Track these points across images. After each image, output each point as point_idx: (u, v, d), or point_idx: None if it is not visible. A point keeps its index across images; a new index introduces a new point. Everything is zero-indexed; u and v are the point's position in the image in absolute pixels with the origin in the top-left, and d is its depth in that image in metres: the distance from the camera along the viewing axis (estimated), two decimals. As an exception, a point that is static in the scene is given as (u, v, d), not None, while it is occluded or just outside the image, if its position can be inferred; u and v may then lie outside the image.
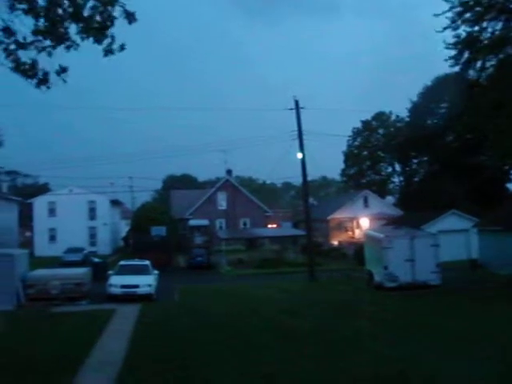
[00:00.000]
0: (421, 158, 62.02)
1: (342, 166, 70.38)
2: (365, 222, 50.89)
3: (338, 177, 76.14)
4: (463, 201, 42.48)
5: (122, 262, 26.70)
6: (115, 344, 13.90)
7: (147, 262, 26.08)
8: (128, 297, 22.16)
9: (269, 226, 56.33)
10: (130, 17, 9.28)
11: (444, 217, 39.89)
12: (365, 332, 14.91)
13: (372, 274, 25.59)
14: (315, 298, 22.87)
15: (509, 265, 27.02)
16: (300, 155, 31.27)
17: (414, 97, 58.83)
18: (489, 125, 25.90)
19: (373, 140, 68.06)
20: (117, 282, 22.95)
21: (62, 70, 9.36)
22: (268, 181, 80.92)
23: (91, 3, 9.03)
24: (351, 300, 22.07)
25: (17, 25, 8.91)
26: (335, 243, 50.45)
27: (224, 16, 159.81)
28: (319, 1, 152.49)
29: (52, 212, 53.73)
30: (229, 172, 57.82)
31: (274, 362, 11.64)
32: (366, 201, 53.31)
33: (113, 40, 9.29)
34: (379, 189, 64.07)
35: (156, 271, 25.57)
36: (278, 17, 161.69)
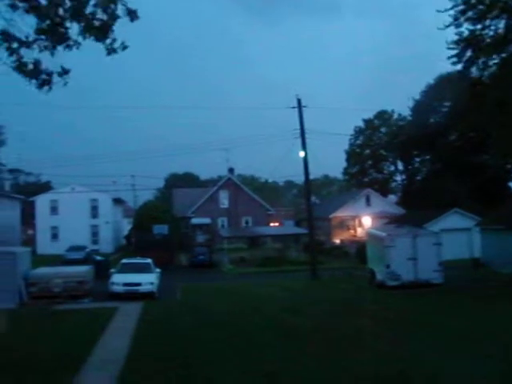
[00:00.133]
0: (423, 157, 61.95)
1: (344, 165, 70.47)
2: (367, 221, 50.85)
3: (340, 175, 76.26)
4: (466, 199, 42.42)
5: (124, 260, 26.74)
6: (117, 342, 13.93)
7: (149, 261, 26.11)
8: (130, 295, 22.20)
9: (271, 225, 56.29)
10: (132, 14, 9.26)
11: (446, 215, 39.85)
12: (367, 330, 14.92)
13: (374, 273, 25.59)
14: (317, 297, 22.87)
15: (511, 263, 27.01)
16: (302, 154, 31.25)
17: (417, 95, 58.89)
18: (491, 123, 25.87)
19: (375, 139, 68.00)
20: (119, 280, 22.99)
21: (64, 72, 9.37)
22: (270, 179, 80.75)
23: (93, 1, 9.04)
24: (353, 298, 22.08)
25: (19, 24, 8.93)
26: (337, 242, 50.41)
27: (225, 14, 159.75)
28: (320, 0, 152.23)
29: (54, 210, 53.79)
30: (231, 170, 57.78)
31: (276, 361, 11.65)
32: (368, 199, 53.24)
33: (115, 39, 9.29)
34: (381, 187, 64.01)
35: (158, 269, 25.58)
36: (279, 16, 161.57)
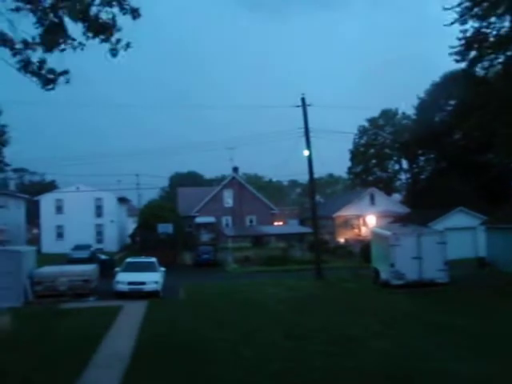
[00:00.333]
0: (428, 156, 61.70)
1: (349, 164, 70.34)
2: (371, 220, 50.75)
3: (345, 174, 76.15)
4: (470, 198, 42.23)
5: (129, 259, 26.81)
6: (123, 340, 13.98)
7: (154, 259, 26.16)
8: (135, 294, 22.26)
9: (275, 224, 56.33)
10: (135, 13, 9.33)
11: (451, 214, 39.69)
12: (371, 330, 14.90)
13: (378, 272, 25.53)
14: (322, 296, 22.86)
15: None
16: (306, 152, 31.17)
17: (421, 94, 58.59)
18: (496, 122, 25.76)
19: (379, 138, 67.85)
20: (124, 279, 23.05)
21: (64, 72, 9.49)
22: (274, 178, 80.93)
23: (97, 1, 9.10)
24: (358, 298, 22.06)
25: (24, 25, 8.98)
26: (342, 241, 50.34)
27: (231, 11, 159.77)
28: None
29: (59, 209, 53.91)
30: (235, 169, 57.76)
31: (281, 360, 11.66)
32: (373, 198, 53.15)
33: (119, 39, 9.35)
34: (386, 186, 63.85)
35: (162, 268, 25.64)
36: (287, 13, 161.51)
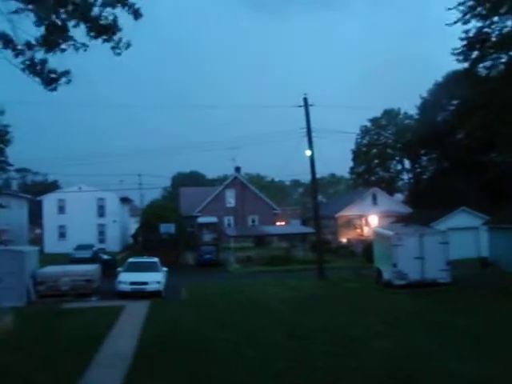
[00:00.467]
0: (430, 155, 61.59)
1: (351, 164, 70.24)
2: (373, 220, 50.70)
3: (347, 174, 76.03)
4: (473, 198, 42.13)
5: (131, 259, 26.81)
6: (125, 340, 13.99)
7: (156, 259, 26.17)
8: (137, 294, 22.28)
9: (277, 224, 56.30)
10: (136, 13, 9.39)
11: (454, 214, 39.62)
12: (374, 330, 14.89)
13: (381, 272, 25.50)
14: (324, 296, 22.85)
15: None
16: (309, 152, 31.16)
17: (423, 93, 58.50)
18: (499, 122, 25.71)
19: (381, 138, 67.75)
20: (126, 279, 23.07)
21: (66, 72, 9.55)
22: (276, 178, 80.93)
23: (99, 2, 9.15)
24: (360, 298, 22.05)
25: (27, 26, 9.02)
26: (344, 241, 50.29)
27: (234, 10, 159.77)
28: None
29: (61, 209, 53.98)
30: (237, 169, 57.71)
31: (284, 360, 11.65)
32: (375, 198, 53.07)
33: (121, 38, 9.42)
34: (388, 186, 63.75)
35: (165, 268, 25.65)
36: (287, 13, 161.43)
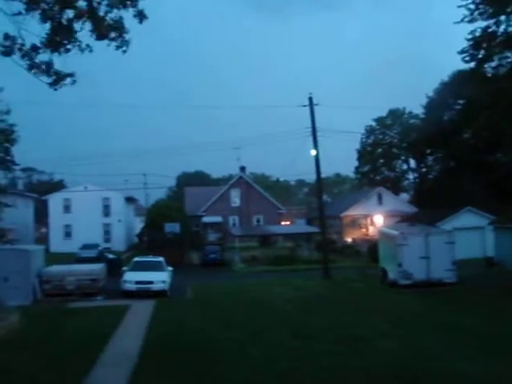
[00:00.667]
0: (436, 155, 61.37)
1: (356, 164, 70.03)
2: (379, 219, 50.58)
3: (352, 174, 75.85)
4: (479, 198, 41.96)
5: (137, 259, 26.86)
6: (130, 340, 14.02)
7: (161, 259, 26.22)
8: (142, 293, 22.31)
9: (282, 223, 56.28)
10: (141, 15, 9.42)
11: (459, 214, 39.47)
12: (379, 330, 14.86)
13: (386, 272, 25.45)
14: (329, 296, 22.82)
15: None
16: (314, 152, 31.12)
17: (429, 93, 58.28)
18: (505, 122, 25.59)
19: (387, 138, 67.57)
20: (131, 279, 23.12)
21: (70, 74, 9.62)
22: (282, 178, 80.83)
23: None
24: (365, 297, 22.01)
25: (34, 27, 9.06)
26: (349, 240, 50.23)
27: (237, 11, 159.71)
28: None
29: (67, 209, 54.18)
30: (242, 169, 57.73)
31: (289, 360, 11.64)
32: (380, 198, 52.97)
33: (125, 39, 9.48)
34: (393, 186, 63.57)
35: (170, 268, 25.69)
36: (291, 12, 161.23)
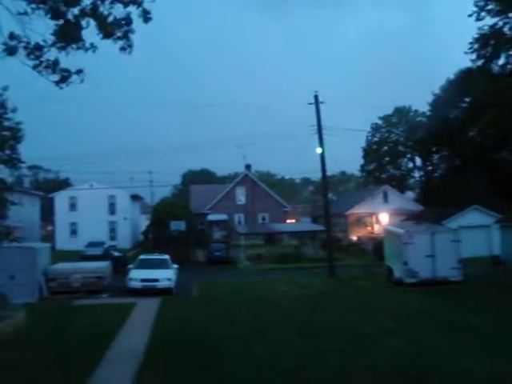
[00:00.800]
0: (442, 153, 61.12)
1: (362, 162, 69.81)
2: (384, 218, 50.44)
3: (358, 172, 75.63)
4: (485, 196, 41.79)
5: (142, 256, 26.94)
6: (136, 337, 14.07)
7: (167, 257, 26.27)
8: (148, 291, 22.37)
9: (287, 221, 56.23)
10: (146, 16, 9.43)
11: (465, 212, 39.33)
12: (384, 328, 14.84)
13: (391, 270, 25.41)
14: (335, 294, 22.80)
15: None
16: (319, 150, 31.09)
17: (436, 90, 58.02)
18: (511, 119, 25.47)
19: (392, 136, 67.35)
20: (137, 276, 23.19)
21: (79, 71, 9.67)
22: (287, 176, 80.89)
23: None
24: (370, 296, 21.98)
25: (38, 26, 9.08)
26: (354, 238, 50.12)
27: (237, 10, 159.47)
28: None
29: (73, 206, 54.36)
30: (248, 167, 57.70)
31: (294, 358, 11.65)
32: (386, 196, 52.81)
33: (129, 39, 9.51)
34: (399, 184, 63.36)
35: (175, 265, 25.74)
36: (292, 10, 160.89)
